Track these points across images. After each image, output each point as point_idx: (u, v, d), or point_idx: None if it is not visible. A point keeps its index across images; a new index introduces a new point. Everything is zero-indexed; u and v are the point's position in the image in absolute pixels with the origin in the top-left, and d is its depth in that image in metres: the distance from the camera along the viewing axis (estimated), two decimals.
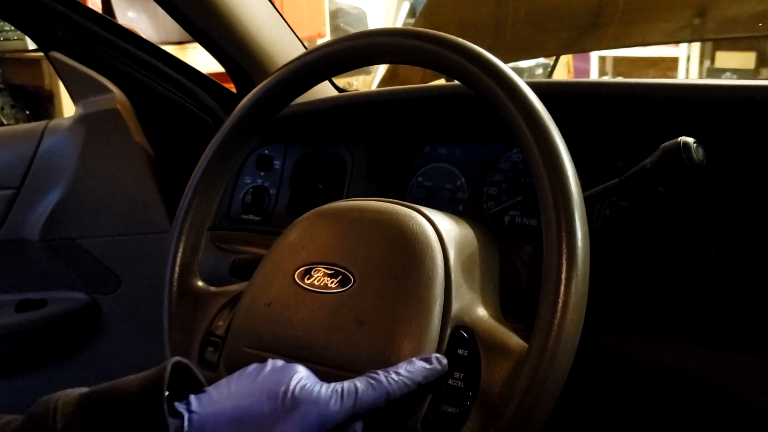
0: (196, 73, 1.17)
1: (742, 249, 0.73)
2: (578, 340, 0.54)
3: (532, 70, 3.32)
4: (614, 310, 0.76)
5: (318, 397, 0.52)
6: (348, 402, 0.52)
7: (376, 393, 0.53)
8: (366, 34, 0.68)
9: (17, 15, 1.11)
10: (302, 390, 0.52)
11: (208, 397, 0.51)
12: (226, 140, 0.73)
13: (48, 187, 1.18)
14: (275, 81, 0.71)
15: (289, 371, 0.54)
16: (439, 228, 0.63)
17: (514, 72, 0.60)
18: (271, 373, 0.54)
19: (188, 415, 0.49)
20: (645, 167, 0.68)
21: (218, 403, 0.51)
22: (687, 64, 4.24)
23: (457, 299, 0.60)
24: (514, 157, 0.91)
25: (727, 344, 0.70)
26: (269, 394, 0.51)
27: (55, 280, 1.23)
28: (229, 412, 0.50)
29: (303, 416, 0.50)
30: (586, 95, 0.82)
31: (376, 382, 0.54)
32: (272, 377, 0.53)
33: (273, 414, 0.50)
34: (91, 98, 1.15)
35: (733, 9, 1.38)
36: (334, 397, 0.52)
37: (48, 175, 1.18)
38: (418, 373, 0.55)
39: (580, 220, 0.54)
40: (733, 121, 0.74)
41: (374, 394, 0.53)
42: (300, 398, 0.51)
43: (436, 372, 0.56)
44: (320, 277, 0.63)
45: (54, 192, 1.17)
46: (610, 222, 0.82)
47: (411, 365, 0.56)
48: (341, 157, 1.04)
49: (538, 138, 0.56)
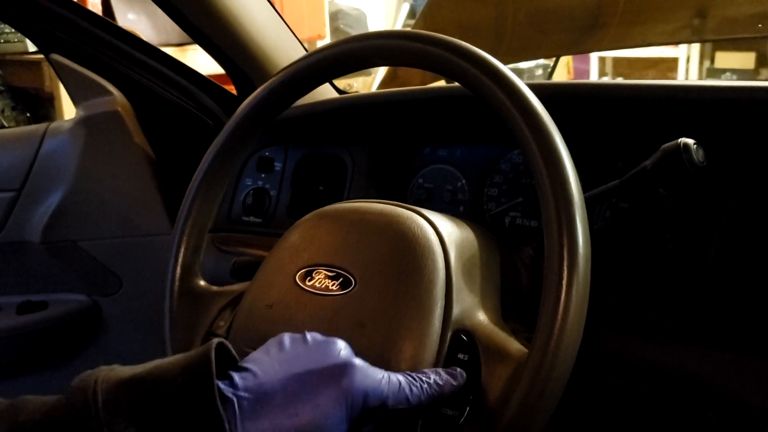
0: (196, 75, 1.17)
1: (742, 250, 0.73)
2: (579, 343, 0.54)
3: (532, 71, 3.32)
4: (615, 310, 0.76)
5: (367, 371, 0.52)
6: (391, 389, 0.52)
7: (413, 393, 0.53)
8: (366, 37, 0.68)
9: (18, 17, 1.11)
10: (353, 363, 0.52)
11: (253, 377, 0.49)
12: (227, 142, 0.73)
13: (49, 189, 1.18)
14: (276, 83, 0.71)
15: (335, 344, 0.53)
16: (440, 230, 0.63)
17: (513, 73, 0.60)
18: (317, 346, 0.53)
19: (237, 401, 0.47)
20: (645, 168, 0.68)
21: (266, 382, 0.49)
22: (687, 64, 4.24)
23: (458, 303, 0.60)
24: (515, 158, 0.91)
25: (727, 345, 0.70)
26: (320, 368, 0.51)
27: (57, 282, 1.23)
28: (280, 391, 0.49)
29: (351, 385, 0.50)
30: (586, 96, 0.82)
31: (417, 383, 0.54)
32: (319, 351, 0.53)
33: (324, 385, 0.50)
34: (91, 100, 1.15)
35: (732, 10, 1.38)
36: (383, 378, 0.52)
37: (49, 177, 1.18)
38: (446, 385, 0.56)
39: (581, 222, 0.54)
40: (733, 122, 0.74)
41: (411, 394, 0.53)
42: (351, 369, 0.51)
43: (458, 387, 0.56)
44: (321, 279, 0.63)
45: (55, 194, 1.17)
46: (611, 223, 0.82)
47: (439, 377, 0.56)
48: (342, 159, 1.04)
49: (539, 139, 0.56)
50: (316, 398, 0.49)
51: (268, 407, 0.48)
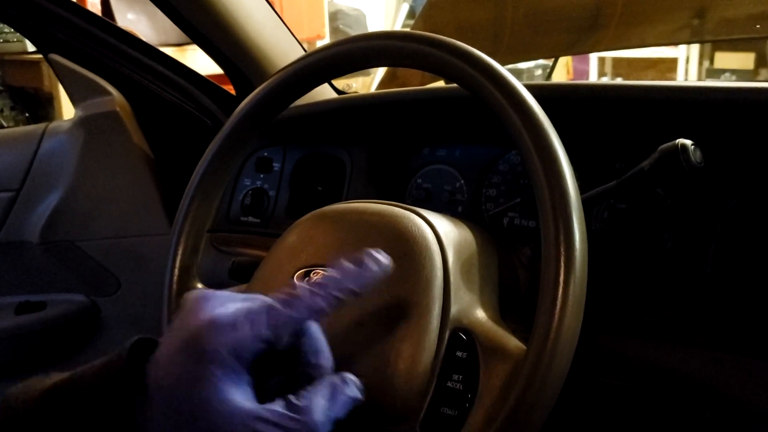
0: (195, 75, 1.17)
1: (740, 251, 0.73)
2: (576, 342, 0.54)
3: (531, 71, 3.32)
4: (612, 311, 0.76)
5: (226, 324, 0.45)
6: (262, 327, 0.45)
7: (296, 313, 0.46)
8: (365, 37, 0.68)
9: (16, 17, 1.11)
10: (204, 322, 0.45)
11: (154, 367, 0.45)
12: (226, 142, 0.73)
13: (47, 189, 1.18)
14: (275, 83, 0.71)
15: (196, 309, 0.46)
16: (438, 230, 0.63)
17: (512, 74, 0.60)
18: (185, 315, 0.47)
19: (142, 398, 0.44)
20: (643, 169, 0.68)
21: (157, 371, 0.45)
22: (686, 64, 4.25)
23: (456, 301, 0.60)
24: (513, 159, 0.91)
25: (725, 346, 0.70)
26: (183, 342, 0.45)
27: (55, 283, 1.23)
28: (164, 378, 0.44)
29: (213, 351, 0.44)
30: (584, 97, 0.82)
31: (292, 301, 0.47)
32: (181, 329, 0.46)
33: (190, 372, 0.44)
34: (90, 100, 1.15)
35: (731, 10, 1.38)
36: (246, 322, 0.45)
37: (47, 177, 1.18)
38: (349, 278, 0.48)
39: (578, 223, 0.55)
40: (732, 123, 0.74)
41: (294, 315, 0.46)
42: (204, 331, 0.44)
43: (373, 275, 0.49)
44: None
45: (53, 194, 1.17)
46: (608, 224, 0.82)
47: (337, 270, 0.49)
48: (340, 159, 1.04)
49: (536, 140, 0.56)
50: (188, 380, 0.44)
51: (158, 399, 0.44)
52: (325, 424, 0.46)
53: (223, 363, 0.44)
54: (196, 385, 0.43)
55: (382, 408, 0.58)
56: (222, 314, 0.45)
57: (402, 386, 0.57)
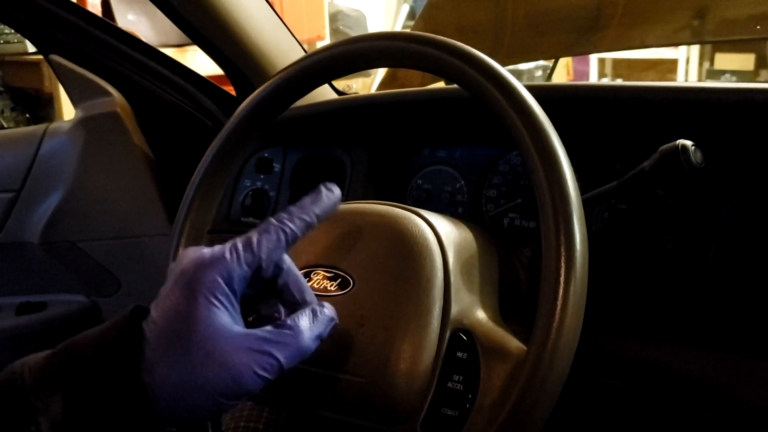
0: (195, 75, 1.17)
1: (740, 251, 0.73)
2: (577, 342, 0.54)
3: (532, 72, 3.33)
4: (613, 312, 0.76)
5: (212, 257, 0.48)
6: (247, 253, 0.49)
7: (273, 236, 0.51)
8: (366, 38, 0.68)
9: (17, 18, 1.11)
10: (192, 259, 0.49)
11: (153, 324, 0.48)
12: (226, 143, 0.73)
13: (48, 190, 1.18)
14: (275, 84, 0.71)
15: (185, 255, 0.50)
16: (439, 231, 0.63)
17: (512, 75, 0.60)
18: (173, 268, 0.50)
19: (144, 353, 0.46)
20: (643, 170, 0.68)
21: (155, 325, 0.47)
22: (686, 65, 4.25)
23: (457, 302, 0.60)
24: (514, 159, 0.91)
25: (725, 346, 0.70)
26: (176, 289, 0.48)
27: (55, 283, 1.23)
28: (164, 332, 0.47)
29: (203, 282, 0.47)
30: (584, 98, 0.82)
31: (267, 228, 0.51)
32: (174, 271, 0.50)
33: (183, 304, 0.47)
34: (90, 101, 1.16)
35: (731, 11, 1.38)
36: (229, 252, 0.49)
37: (48, 178, 1.18)
38: (310, 207, 0.53)
39: (579, 223, 0.55)
40: (732, 124, 0.74)
41: (272, 238, 0.51)
42: (193, 266, 0.48)
43: (330, 201, 0.54)
44: (320, 280, 0.63)
45: (54, 195, 1.18)
46: (609, 224, 0.82)
47: (299, 204, 0.53)
48: (340, 160, 1.04)
49: (536, 141, 0.56)
50: (183, 312, 0.47)
51: (158, 338, 0.47)
52: (311, 341, 0.50)
53: (213, 292, 0.47)
54: (191, 315, 0.46)
55: (382, 408, 0.58)
56: (208, 251, 0.49)
57: (402, 387, 0.57)
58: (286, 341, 0.49)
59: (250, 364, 0.47)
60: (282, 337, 0.48)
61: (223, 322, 0.47)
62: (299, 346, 0.49)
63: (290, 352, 0.49)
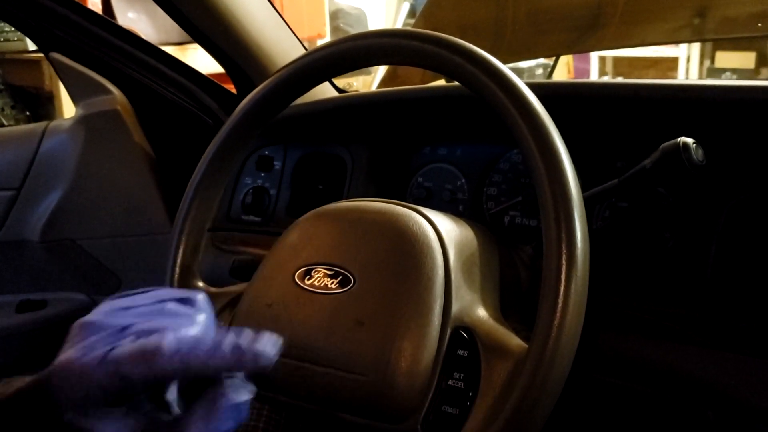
0: (196, 73, 1.17)
1: (741, 249, 0.73)
2: (578, 340, 0.54)
3: (532, 70, 3.32)
4: (614, 310, 0.76)
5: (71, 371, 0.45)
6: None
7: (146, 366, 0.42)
8: (366, 36, 0.68)
9: (17, 16, 1.11)
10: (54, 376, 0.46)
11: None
12: (227, 141, 0.73)
13: (48, 188, 1.18)
14: (275, 82, 0.71)
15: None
16: (439, 228, 0.63)
17: (513, 73, 0.60)
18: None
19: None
20: (644, 168, 0.68)
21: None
22: (687, 64, 4.24)
23: (457, 300, 0.60)
24: (514, 157, 0.91)
25: (726, 344, 0.70)
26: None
27: (56, 281, 1.23)
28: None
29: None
30: (585, 96, 0.82)
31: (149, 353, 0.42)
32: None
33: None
34: (91, 99, 1.15)
35: (732, 9, 1.38)
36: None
37: (48, 176, 1.18)
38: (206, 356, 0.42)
39: (580, 221, 0.55)
40: (733, 122, 0.74)
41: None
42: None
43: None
44: (320, 278, 0.63)
45: (54, 193, 1.17)
46: (610, 222, 0.82)
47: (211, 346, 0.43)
48: (341, 158, 1.04)
49: (538, 139, 0.56)
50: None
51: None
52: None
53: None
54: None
55: (383, 406, 0.58)
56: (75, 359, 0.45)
57: (403, 384, 0.57)
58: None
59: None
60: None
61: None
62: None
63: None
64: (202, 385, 0.44)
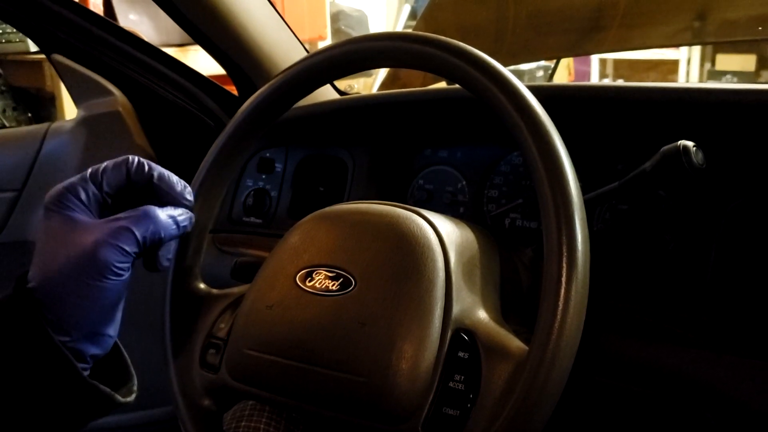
0: (197, 75, 1.17)
1: (741, 252, 0.73)
2: (578, 342, 0.54)
3: (533, 72, 3.32)
4: (614, 312, 0.76)
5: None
6: (92, 172, 0.60)
7: (117, 166, 0.59)
8: (367, 39, 0.68)
9: (19, 17, 1.11)
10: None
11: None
12: (228, 143, 0.73)
13: (50, 189, 1.18)
14: (277, 84, 0.71)
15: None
16: (440, 231, 0.63)
17: (514, 75, 0.60)
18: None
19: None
20: (645, 171, 0.68)
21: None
22: (687, 66, 4.25)
23: (458, 302, 0.60)
24: (515, 159, 0.91)
25: (726, 347, 0.70)
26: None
27: None
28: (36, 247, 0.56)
29: (50, 197, 0.57)
30: (586, 98, 0.82)
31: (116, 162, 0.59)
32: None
33: (42, 221, 0.57)
34: (92, 100, 1.16)
35: (732, 12, 1.38)
36: (75, 178, 0.59)
37: (50, 177, 1.18)
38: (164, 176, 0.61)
39: (580, 223, 0.55)
40: (734, 125, 0.74)
41: (115, 167, 0.59)
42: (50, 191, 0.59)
43: (177, 187, 0.61)
44: (321, 280, 0.63)
45: None
46: (610, 225, 0.82)
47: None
48: (342, 160, 1.04)
49: (538, 141, 0.57)
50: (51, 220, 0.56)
51: (37, 259, 0.56)
52: (165, 220, 0.57)
53: (59, 201, 0.56)
54: (47, 225, 0.55)
55: (384, 408, 0.58)
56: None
57: (404, 386, 0.58)
58: (137, 215, 0.55)
59: (105, 238, 0.53)
60: (133, 214, 0.55)
61: (73, 216, 0.54)
62: (152, 220, 0.55)
63: (143, 225, 0.55)
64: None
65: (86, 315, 0.53)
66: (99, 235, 0.53)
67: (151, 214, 0.56)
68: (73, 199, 0.56)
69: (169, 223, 0.57)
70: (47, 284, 0.53)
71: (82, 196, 0.56)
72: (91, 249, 0.53)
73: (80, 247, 0.53)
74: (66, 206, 0.55)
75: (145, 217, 0.55)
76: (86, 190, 0.56)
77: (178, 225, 0.58)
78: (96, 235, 0.53)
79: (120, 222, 0.54)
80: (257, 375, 0.65)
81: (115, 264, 0.53)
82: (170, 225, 0.57)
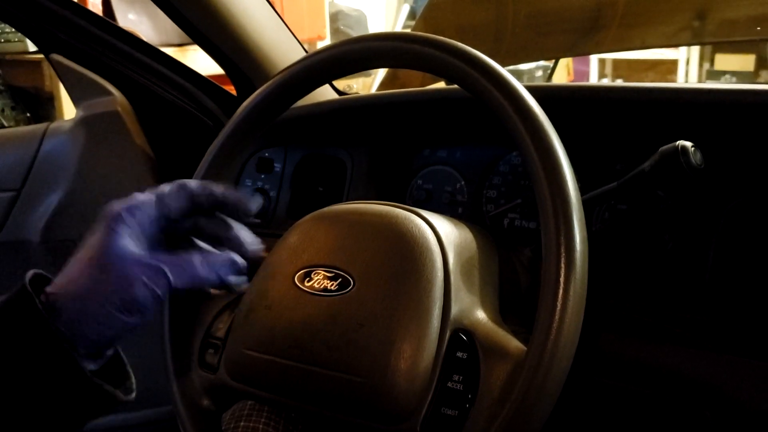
0: (196, 75, 1.17)
1: (740, 252, 0.73)
2: (577, 342, 0.54)
3: (532, 72, 3.33)
4: (613, 312, 0.76)
5: (125, 200, 0.56)
6: (158, 200, 0.57)
7: (178, 192, 0.58)
8: (366, 39, 0.68)
9: (18, 17, 1.11)
10: (108, 205, 0.55)
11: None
12: (227, 143, 0.73)
13: (49, 189, 1.18)
14: (276, 84, 0.71)
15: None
16: (439, 231, 0.63)
17: (513, 75, 0.60)
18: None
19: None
20: (643, 171, 0.68)
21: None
22: (686, 66, 4.25)
23: (457, 302, 0.60)
24: (514, 160, 0.91)
25: (725, 347, 0.70)
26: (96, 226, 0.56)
27: None
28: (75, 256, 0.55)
29: (108, 214, 0.55)
30: (585, 99, 0.82)
31: (181, 185, 0.58)
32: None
33: (97, 233, 0.55)
34: (91, 100, 1.16)
35: (731, 12, 1.39)
36: (141, 196, 0.56)
37: (49, 177, 1.18)
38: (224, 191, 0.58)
39: (579, 224, 0.55)
40: (732, 125, 0.74)
41: (177, 194, 0.58)
42: (107, 210, 0.55)
43: (247, 204, 0.58)
44: (320, 280, 0.63)
45: (55, 194, 1.18)
46: (609, 225, 0.82)
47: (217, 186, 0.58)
48: (341, 160, 1.04)
49: (537, 142, 0.57)
50: (96, 238, 0.54)
51: (69, 272, 0.55)
52: (204, 270, 0.54)
53: (116, 221, 0.54)
54: (96, 241, 0.54)
55: (382, 408, 0.58)
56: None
57: (403, 386, 0.58)
58: (176, 263, 0.53)
59: (140, 276, 0.51)
60: (174, 260, 0.53)
61: (122, 243, 0.52)
62: (189, 270, 0.53)
63: (179, 273, 0.53)
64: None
65: (98, 339, 0.53)
66: (137, 271, 0.52)
67: (191, 263, 0.54)
68: (133, 222, 0.54)
69: (207, 272, 0.55)
70: (69, 298, 0.53)
71: (141, 221, 0.54)
72: (124, 283, 0.51)
73: (114, 277, 0.52)
74: (119, 227, 0.54)
75: (183, 264, 0.54)
76: (149, 215, 0.55)
77: (219, 276, 0.56)
78: (135, 270, 0.52)
79: (159, 263, 0.53)
80: (256, 375, 0.65)
81: (143, 304, 0.52)
82: (209, 275, 0.55)
